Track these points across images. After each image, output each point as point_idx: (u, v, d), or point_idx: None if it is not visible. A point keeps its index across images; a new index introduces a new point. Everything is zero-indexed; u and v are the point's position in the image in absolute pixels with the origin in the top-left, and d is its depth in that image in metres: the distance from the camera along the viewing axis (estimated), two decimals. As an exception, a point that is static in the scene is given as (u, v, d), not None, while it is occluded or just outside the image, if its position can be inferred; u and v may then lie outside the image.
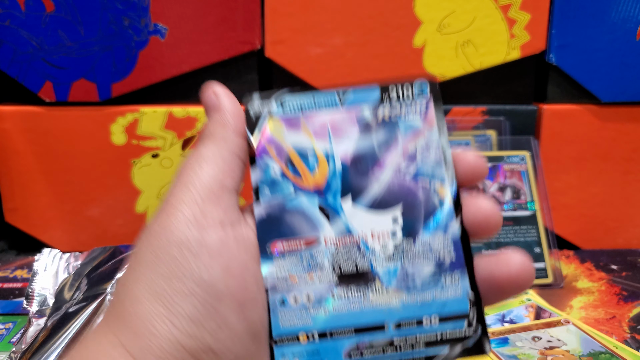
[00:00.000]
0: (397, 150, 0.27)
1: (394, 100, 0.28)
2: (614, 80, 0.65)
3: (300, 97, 0.28)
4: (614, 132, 0.68)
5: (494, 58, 0.64)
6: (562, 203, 0.69)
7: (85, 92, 0.64)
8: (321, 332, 0.26)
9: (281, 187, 0.27)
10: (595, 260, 0.67)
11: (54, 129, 0.65)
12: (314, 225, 0.27)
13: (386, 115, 0.28)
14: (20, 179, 0.67)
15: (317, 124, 0.28)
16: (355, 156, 0.27)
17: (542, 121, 0.67)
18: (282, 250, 0.26)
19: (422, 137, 0.27)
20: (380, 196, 0.27)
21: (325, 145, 0.28)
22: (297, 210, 0.27)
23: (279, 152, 0.27)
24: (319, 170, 0.27)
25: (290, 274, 0.26)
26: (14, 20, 0.61)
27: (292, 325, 0.26)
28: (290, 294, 0.26)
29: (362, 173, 0.27)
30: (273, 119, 0.28)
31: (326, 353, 0.25)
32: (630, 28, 0.64)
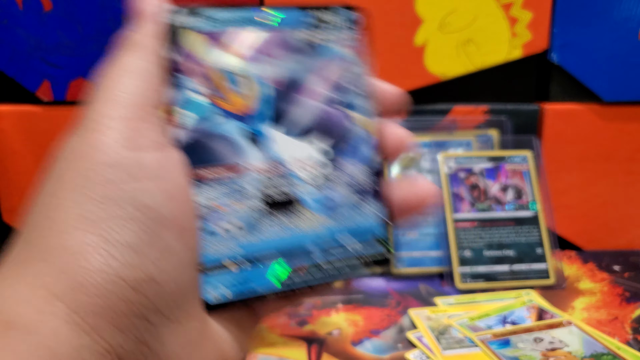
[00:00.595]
0: (324, 78, 0.27)
1: (323, 26, 0.28)
2: (616, 79, 0.65)
3: (226, 13, 0.26)
4: (617, 132, 0.67)
5: (496, 57, 0.64)
6: (564, 203, 0.69)
7: (83, 92, 0.63)
8: (251, 258, 0.25)
9: (202, 109, 0.25)
10: (597, 261, 0.67)
11: (52, 128, 0.65)
12: (241, 152, 0.25)
13: (317, 41, 0.27)
14: (18, 179, 0.66)
15: (244, 42, 0.26)
16: (283, 81, 0.26)
17: (545, 120, 0.67)
18: (208, 178, 0.25)
19: (348, 67, 0.28)
20: (307, 125, 0.27)
21: (254, 67, 0.26)
22: (220, 135, 0.25)
23: (199, 70, 0.25)
24: (246, 93, 0.26)
25: (217, 203, 0.25)
26: (11, 19, 0.61)
27: (221, 253, 0.25)
28: (218, 223, 0.25)
29: (290, 100, 0.27)
30: (195, 33, 0.25)
31: (257, 279, 0.25)
32: (632, 27, 0.63)
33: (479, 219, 0.62)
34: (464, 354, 0.48)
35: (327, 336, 0.51)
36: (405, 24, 0.62)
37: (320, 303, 0.57)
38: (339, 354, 0.48)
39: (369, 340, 0.50)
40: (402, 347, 0.49)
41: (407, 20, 0.62)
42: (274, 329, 0.52)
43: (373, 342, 0.50)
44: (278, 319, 0.54)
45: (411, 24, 0.63)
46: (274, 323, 0.53)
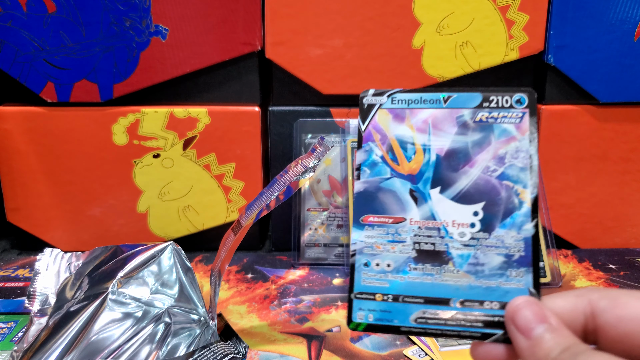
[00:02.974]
0: (488, 151, 0.31)
1: (492, 106, 0.31)
2: (612, 80, 0.66)
3: (409, 95, 0.32)
4: (612, 133, 0.68)
5: (493, 59, 0.65)
6: (560, 203, 0.70)
7: (87, 93, 0.64)
8: (395, 295, 0.30)
9: (379, 170, 0.31)
10: (593, 259, 0.68)
11: (56, 129, 0.66)
12: (403, 206, 0.31)
13: (483, 118, 0.31)
14: (22, 179, 0.67)
15: (420, 119, 0.32)
16: (450, 151, 0.31)
17: (541, 121, 0.67)
18: (372, 222, 0.30)
19: (513, 143, 0.30)
20: (466, 191, 0.30)
21: (424, 138, 0.31)
22: (390, 190, 0.31)
23: (382, 139, 0.31)
24: (414, 159, 0.31)
25: (376, 243, 0.30)
26: (15, 21, 0.61)
27: (371, 285, 0.30)
28: (374, 259, 0.30)
29: (453, 168, 0.31)
30: (382, 110, 0.32)
31: (397, 313, 0.29)
32: (628, 29, 0.64)
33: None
34: (462, 350, 0.49)
35: (327, 333, 0.52)
36: (403, 27, 0.63)
37: (320, 300, 0.58)
38: (339, 350, 0.49)
39: (368, 337, 0.51)
40: (400, 344, 0.50)
41: (404, 22, 0.63)
42: (275, 326, 0.53)
43: (372, 339, 0.51)
44: (278, 316, 0.55)
45: (409, 27, 0.63)
46: (275, 320, 0.54)
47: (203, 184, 0.67)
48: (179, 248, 0.51)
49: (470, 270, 0.29)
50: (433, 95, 0.32)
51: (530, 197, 0.30)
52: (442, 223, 0.30)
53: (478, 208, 0.30)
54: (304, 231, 0.66)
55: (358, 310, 0.30)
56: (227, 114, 0.66)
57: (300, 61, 0.64)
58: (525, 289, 0.29)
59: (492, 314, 0.28)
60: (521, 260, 0.29)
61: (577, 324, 0.27)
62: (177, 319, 0.46)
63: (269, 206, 0.46)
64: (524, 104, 0.31)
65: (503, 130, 0.31)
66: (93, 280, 0.49)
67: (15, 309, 0.56)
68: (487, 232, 0.30)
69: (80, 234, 0.69)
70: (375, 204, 0.31)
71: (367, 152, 0.32)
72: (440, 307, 0.29)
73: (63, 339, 0.43)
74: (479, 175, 0.30)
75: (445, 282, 0.29)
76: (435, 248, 0.30)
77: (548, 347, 0.25)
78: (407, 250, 0.30)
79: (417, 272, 0.30)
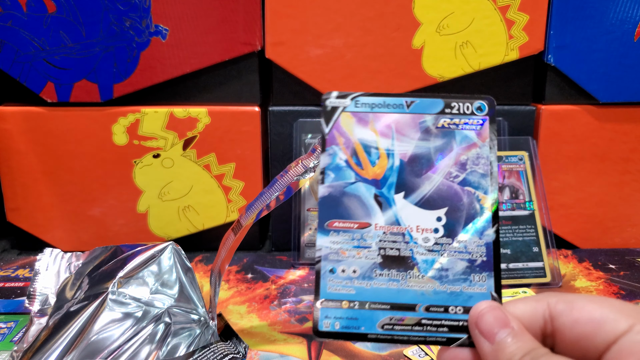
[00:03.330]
0: (450, 157, 0.31)
1: (454, 112, 0.31)
2: (612, 80, 0.66)
3: (372, 98, 0.32)
4: (612, 133, 0.68)
5: (493, 59, 0.65)
6: (560, 203, 0.70)
7: (87, 93, 0.64)
8: (361, 302, 0.29)
9: (344, 174, 0.31)
10: (593, 259, 0.68)
11: (56, 129, 0.66)
12: (368, 211, 0.31)
13: (445, 124, 0.31)
14: (22, 179, 0.67)
15: (383, 123, 0.31)
16: (413, 157, 0.31)
17: (541, 121, 0.67)
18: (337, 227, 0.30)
19: (474, 149, 0.31)
20: (429, 196, 0.31)
21: (388, 142, 0.31)
22: (355, 195, 0.31)
23: (346, 143, 0.31)
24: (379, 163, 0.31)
25: (341, 249, 0.30)
26: (15, 21, 0.61)
27: (337, 291, 0.30)
28: (339, 265, 0.30)
29: (417, 173, 0.31)
30: (346, 113, 0.31)
31: (363, 320, 0.29)
32: (628, 29, 0.64)
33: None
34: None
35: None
36: (403, 27, 0.63)
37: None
38: (339, 350, 0.49)
39: (368, 337, 0.51)
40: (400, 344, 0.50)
41: (405, 23, 0.63)
42: (275, 326, 0.53)
43: (372, 339, 0.51)
44: (278, 316, 0.55)
45: (409, 27, 0.63)
46: (275, 320, 0.54)
47: (203, 184, 0.67)
48: (179, 248, 0.51)
49: (434, 275, 0.30)
50: (396, 100, 0.32)
51: (490, 203, 0.30)
52: (406, 228, 0.30)
53: (441, 213, 0.30)
54: (304, 231, 0.66)
55: (324, 318, 0.29)
56: (227, 114, 0.66)
57: (300, 61, 0.64)
58: (488, 293, 0.29)
59: (456, 318, 0.29)
60: (483, 265, 0.29)
61: (536, 327, 0.27)
62: (177, 319, 0.46)
63: (269, 206, 0.46)
64: (484, 111, 0.31)
65: (464, 137, 0.31)
66: (93, 280, 0.49)
67: (15, 309, 0.56)
68: (450, 238, 0.30)
69: (80, 234, 0.69)
70: (340, 208, 0.31)
71: (331, 156, 0.31)
72: (406, 313, 0.29)
73: (63, 339, 0.43)
74: (442, 180, 0.31)
75: (411, 287, 0.29)
76: (400, 253, 0.30)
77: (510, 351, 0.26)
78: (373, 256, 0.30)
79: (383, 277, 0.30)
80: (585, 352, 0.26)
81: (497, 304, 0.28)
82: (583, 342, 0.26)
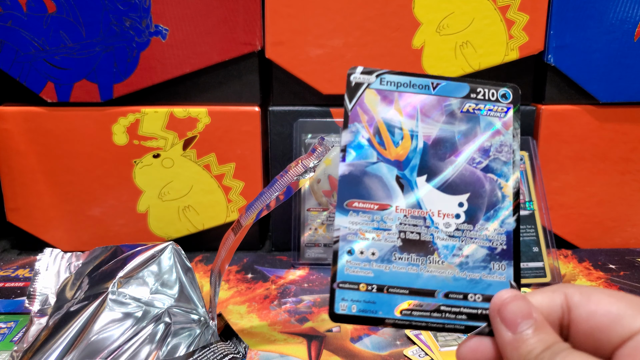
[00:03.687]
0: (474, 143, 0.30)
1: (480, 98, 0.31)
2: (612, 80, 0.66)
3: (398, 77, 0.31)
4: (612, 133, 0.68)
5: (493, 59, 0.65)
6: (560, 203, 0.70)
7: (87, 93, 0.64)
8: (380, 285, 0.29)
9: (366, 153, 0.30)
10: (593, 259, 0.68)
11: (56, 129, 0.66)
12: (389, 192, 0.30)
13: (470, 109, 0.31)
14: (22, 179, 0.67)
15: (408, 103, 0.31)
16: (437, 140, 0.30)
17: (540, 121, 0.67)
18: (357, 207, 0.29)
19: (498, 136, 0.30)
20: (451, 181, 0.30)
21: (412, 123, 0.30)
22: (376, 175, 0.30)
23: (369, 121, 0.30)
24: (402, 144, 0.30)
25: (360, 230, 0.29)
26: (15, 21, 0.61)
27: (355, 273, 0.29)
28: (358, 247, 0.29)
29: (440, 157, 0.30)
30: (371, 90, 0.31)
31: (381, 305, 0.28)
32: (628, 29, 0.64)
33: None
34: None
35: (327, 333, 0.52)
36: (403, 27, 0.63)
37: (320, 300, 0.58)
38: (339, 350, 0.49)
39: (368, 337, 0.51)
40: (400, 344, 0.50)
41: (405, 23, 0.63)
42: (275, 326, 0.53)
43: (372, 339, 0.51)
44: (278, 316, 0.55)
45: (409, 27, 0.63)
46: (275, 320, 0.54)
47: (203, 184, 0.67)
48: (179, 248, 0.51)
49: (454, 261, 0.29)
50: (422, 80, 0.31)
51: (512, 192, 0.30)
52: (427, 212, 0.30)
53: (463, 199, 0.30)
54: (304, 231, 0.66)
55: (341, 300, 0.28)
56: (227, 114, 0.66)
57: (300, 61, 0.64)
58: (507, 282, 0.29)
59: (475, 306, 0.28)
60: (503, 253, 0.29)
61: (554, 318, 0.27)
62: (177, 319, 0.46)
63: (269, 206, 0.46)
64: (509, 99, 0.31)
65: (488, 123, 0.31)
66: (93, 280, 0.49)
67: (15, 309, 0.56)
68: (471, 224, 0.29)
69: (80, 234, 0.69)
70: (360, 188, 0.30)
71: (353, 133, 0.30)
72: (425, 299, 0.29)
73: (63, 339, 0.43)
74: (465, 166, 0.30)
75: (431, 273, 0.29)
76: (420, 238, 0.29)
77: (531, 343, 0.25)
78: (393, 239, 0.29)
79: (403, 261, 0.29)
80: (599, 345, 0.26)
81: (520, 293, 0.28)
82: (597, 335, 0.26)
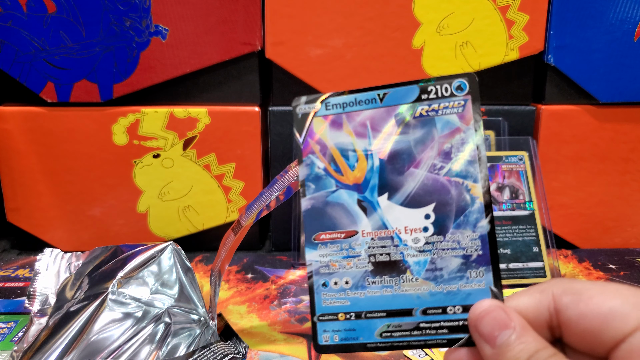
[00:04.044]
0: (432, 148, 0.29)
1: (432, 97, 0.29)
2: (612, 80, 0.66)
3: (342, 98, 0.30)
4: (612, 133, 0.68)
5: (493, 59, 0.65)
6: (560, 203, 0.70)
7: (87, 93, 0.64)
8: (357, 312, 0.29)
9: (324, 183, 0.30)
10: (593, 259, 0.68)
11: (56, 129, 0.66)
12: (353, 218, 0.29)
13: (423, 112, 0.29)
14: (22, 179, 0.67)
15: (358, 122, 0.30)
16: (392, 154, 0.29)
17: (540, 121, 0.67)
18: (325, 239, 0.29)
19: (458, 135, 0.29)
20: (414, 193, 0.29)
21: (365, 143, 0.29)
22: (338, 204, 0.29)
23: (322, 150, 0.30)
24: (357, 166, 0.29)
25: (331, 261, 0.29)
26: (15, 21, 0.61)
27: (332, 304, 0.29)
28: (331, 278, 0.29)
29: (399, 171, 0.29)
30: (318, 118, 0.30)
31: (361, 331, 0.28)
32: (628, 29, 0.64)
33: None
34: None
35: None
36: (403, 27, 0.63)
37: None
38: (339, 350, 0.49)
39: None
40: (400, 344, 0.50)
41: (405, 23, 0.63)
42: (275, 326, 0.53)
43: (372, 339, 0.51)
44: (278, 316, 0.55)
45: (409, 27, 0.63)
46: (275, 320, 0.54)
47: (203, 184, 0.67)
48: (179, 248, 0.51)
49: (429, 276, 0.28)
50: (367, 95, 0.29)
51: (481, 192, 0.28)
52: (394, 231, 0.29)
53: (429, 210, 0.29)
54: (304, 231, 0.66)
55: (323, 332, 0.29)
56: (227, 114, 0.66)
57: (300, 61, 0.64)
58: (487, 288, 0.28)
59: (456, 318, 0.28)
60: (479, 259, 0.28)
61: (542, 321, 0.26)
62: (177, 319, 0.46)
63: (269, 206, 0.46)
64: (465, 90, 0.28)
65: (446, 123, 0.29)
66: (93, 280, 0.49)
67: (15, 309, 0.56)
68: (441, 235, 0.28)
69: (80, 234, 0.69)
70: (325, 219, 0.29)
71: (308, 166, 0.30)
72: (403, 319, 0.28)
73: (63, 339, 0.43)
74: (426, 175, 0.29)
75: (405, 292, 0.28)
76: (390, 258, 0.29)
77: (513, 354, 0.24)
78: (363, 264, 0.29)
79: (376, 285, 0.29)
80: (594, 347, 0.25)
81: (497, 302, 0.26)
82: (590, 338, 0.24)
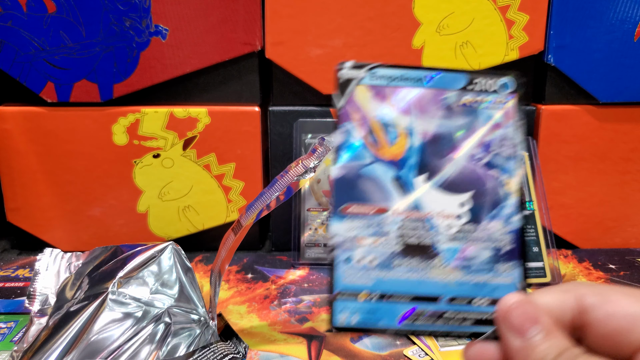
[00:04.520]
0: (473, 139, 0.28)
1: (477, 89, 0.29)
2: (612, 80, 0.66)
3: (390, 70, 0.29)
4: (612, 133, 0.68)
5: (493, 59, 0.65)
6: (560, 203, 0.70)
7: (87, 93, 0.64)
8: (381, 294, 0.27)
9: (359, 154, 0.28)
10: (593, 259, 0.68)
11: (56, 129, 0.66)
12: (385, 195, 0.28)
13: (468, 102, 0.29)
14: (22, 179, 0.67)
15: (403, 98, 0.29)
16: (434, 136, 0.28)
17: (540, 121, 0.67)
18: (353, 212, 0.28)
19: (499, 130, 0.29)
20: (452, 179, 0.28)
21: (407, 120, 0.28)
22: (371, 177, 0.28)
23: (362, 120, 0.28)
24: (397, 143, 0.28)
25: (358, 235, 0.28)
26: (15, 21, 0.61)
27: (354, 283, 0.27)
28: (356, 254, 0.27)
29: (438, 154, 0.28)
30: (361, 86, 0.29)
31: (382, 313, 0.27)
32: (628, 29, 0.64)
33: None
34: (461, 350, 0.49)
35: (327, 333, 0.52)
36: (403, 27, 0.63)
37: (320, 300, 0.58)
38: (339, 350, 0.49)
39: (368, 337, 0.51)
40: (400, 344, 0.50)
41: (405, 23, 0.63)
42: (275, 326, 0.53)
43: (372, 339, 0.51)
44: (278, 316, 0.55)
45: (409, 27, 0.63)
46: (275, 320, 0.54)
47: (203, 184, 0.67)
48: (179, 248, 0.51)
49: (458, 265, 0.28)
50: (416, 73, 0.29)
51: (516, 188, 0.28)
52: (427, 214, 0.28)
53: (465, 198, 0.28)
54: (304, 231, 0.66)
55: (340, 311, 0.27)
56: (227, 114, 0.66)
57: (300, 61, 0.64)
58: (514, 284, 0.27)
59: (481, 311, 0.27)
60: (509, 254, 0.28)
61: (564, 320, 0.26)
62: (177, 319, 0.46)
63: (269, 206, 0.46)
64: (509, 89, 0.29)
65: (488, 116, 0.29)
66: (93, 280, 0.49)
67: (15, 309, 0.56)
68: (474, 225, 0.28)
69: (80, 234, 0.69)
70: (356, 191, 0.28)
71: (345, 134, 0.28)
72: (428, 306, 0.27)
73: (63, 339, 0.43)
74: (465, 163, 0.28)
75: (433, 278, 0.27)
76: (421, 242, 0.28)
77: (542, 350, 0.24)
78: (392, 244, 0.28)
79: (403, 267, 0.27)
80: (619, 347, 0.25)
81: (527, 297, 0.26)
82: (617, 337, 0.25)
